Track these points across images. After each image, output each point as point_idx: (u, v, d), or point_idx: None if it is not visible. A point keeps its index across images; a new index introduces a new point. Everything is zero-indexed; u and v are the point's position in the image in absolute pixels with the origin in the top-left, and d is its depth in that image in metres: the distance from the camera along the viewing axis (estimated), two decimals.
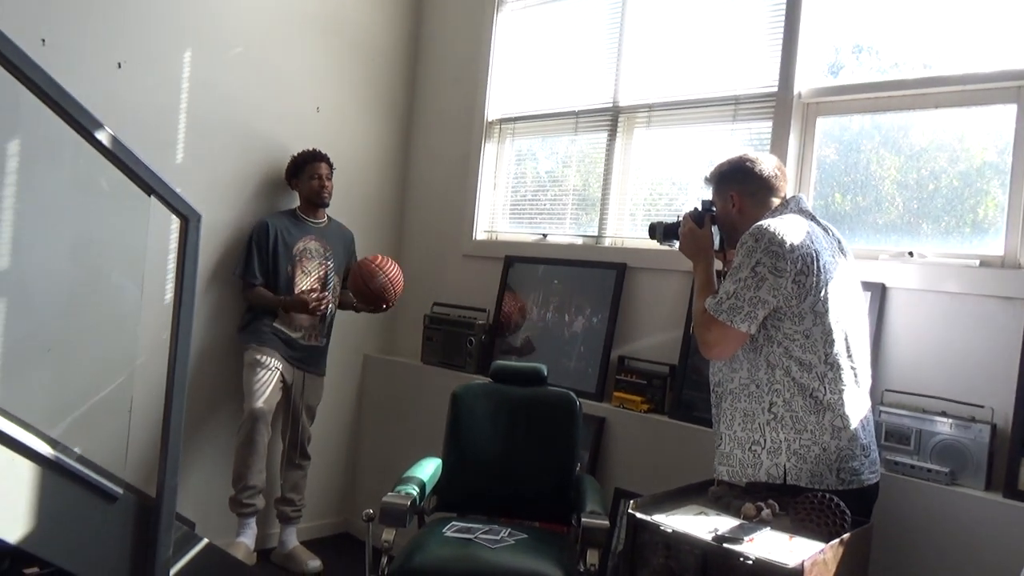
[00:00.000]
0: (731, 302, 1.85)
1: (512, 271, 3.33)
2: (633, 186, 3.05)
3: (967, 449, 2.06)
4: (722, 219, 2.06)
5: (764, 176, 1.99)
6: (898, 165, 2.41)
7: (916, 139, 2.37)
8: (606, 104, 3.11)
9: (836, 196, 2.54)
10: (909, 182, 2.38)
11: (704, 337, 1.93)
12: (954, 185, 2.29)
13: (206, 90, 3.14)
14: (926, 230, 2.32)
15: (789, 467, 1.86)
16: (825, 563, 1.60)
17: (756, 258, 1.83)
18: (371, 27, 3.72)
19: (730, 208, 2.03)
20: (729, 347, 1.91)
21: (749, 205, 2.00)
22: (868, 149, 2.46)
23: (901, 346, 2.26)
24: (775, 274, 1.81)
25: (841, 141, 2.53)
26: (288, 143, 3.36)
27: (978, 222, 2.23)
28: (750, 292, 1.83)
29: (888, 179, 2.42)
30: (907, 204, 2.37)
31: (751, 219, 1.95)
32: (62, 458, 1.98)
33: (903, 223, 2.37)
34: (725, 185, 2.04)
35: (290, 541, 3.28)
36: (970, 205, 2.25)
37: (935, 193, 2.32)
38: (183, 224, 2.19)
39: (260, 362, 3.10)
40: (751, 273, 1.83)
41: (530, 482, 2.47)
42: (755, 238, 1.85)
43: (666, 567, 1.69)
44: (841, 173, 2.53)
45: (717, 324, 1.88)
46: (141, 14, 2.95)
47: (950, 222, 2.28)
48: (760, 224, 1.87)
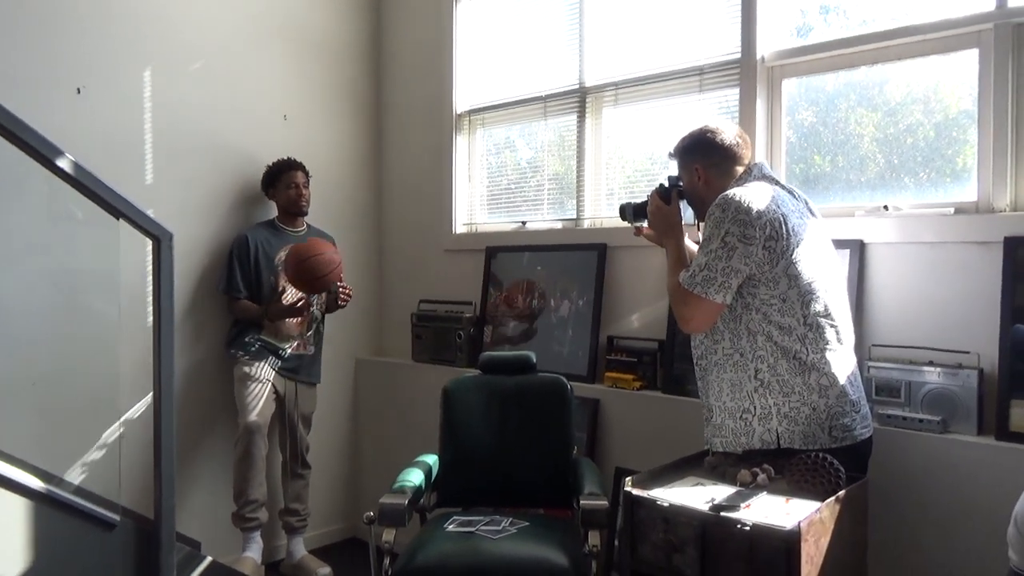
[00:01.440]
0: (704, 274, 1.86)
1: (494, 262, 3.32)
2: (607, 166, 3.04)
3: (956, 396, 2.06)
4: (690, 193, 2.06)
5: (726, 146, 1.99)
6: (875, 122, 2.40)
7: (891, 94, 2.36)
8: (572, 86, 3.10)
9: (815, 158, 2.53)
10: (887, 138, 2.37)
11: (681, 311, 1.94)
12: (931, 137, 2.28)
13: (170, 108, 3.11)
14: (908, 184, 2.31)
15: (781, 431, 1.86)
16: (822, 522, 1.60)
17: (725, 228, 1.83)
18: (331, 30, 3.69)
19: (696, 181, 2.03)
20: (707, 319, 1.91)
21: (714, 176, 2.00)
22: (844, 108, 2.45)
23: (884, 300, 2.26)
24: (745, 242, 1.82)
25: (817, 103, 2.52)
26: (258, 154, 3.34)
27: (957, 171, 2.22)
28: (722, 263, 1.84)
29: (867, 136, 2.42)
30: (887, 160, 2.36)
31: (717, 190, 1.95)
32: (54, 490, 1.97)
33: (884, 179, 2.36)
34: (689, 158, 2.04)
35: (298, 551, 3.28)
36: (948, 155, 2.24)
37: (913, 147, 2.31)
38: (155, 244, 2.17)
39: (250, 375, 3.08)
40: (721, 244, 1.84)
41: (528, 470, 2.47)
42: (722, 208, 1.85)
43: (666, 541, 1.70)
44: (819, 135, 2.52)
45: (692, 297, 1.89)
46: (96, 37, 2.91)
47: (930, 174, 2.28)
48: (725, 194, 1.87)
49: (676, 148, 2.08)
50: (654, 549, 1.72)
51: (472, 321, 3.31)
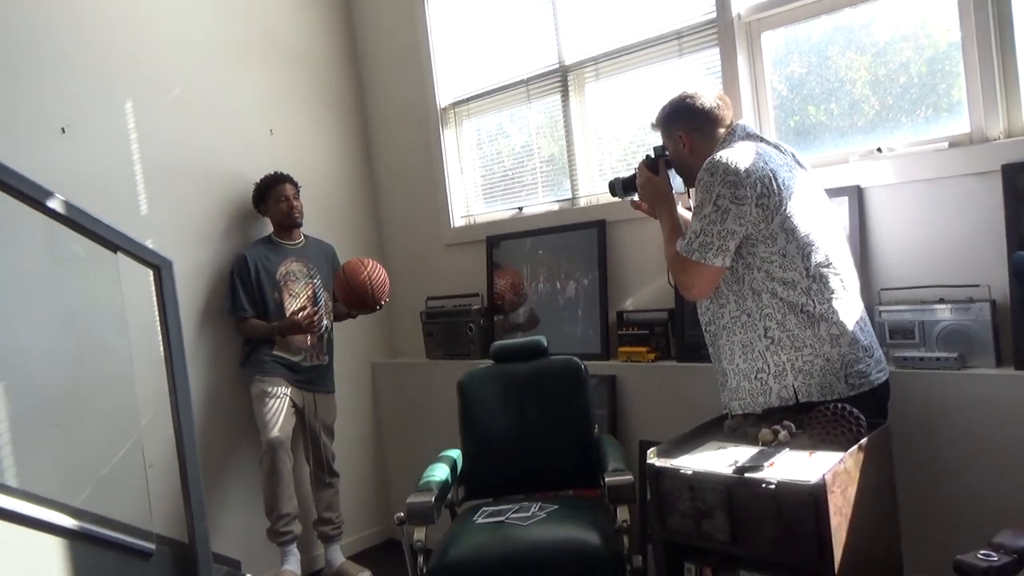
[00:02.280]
0: (701, 240, 1.86)
1: (496, 251, 3.31)
2: (597, 141, 3.02)
3: (971, 330, 2.05)
4: (676, 160, 2.05)
5: (707, 109, 1.98)
6: (866, 64, 2.36)
7: (879, 35, 2.31)
8: (553, 66, 3.07)
9: (809, 108, 2.49)
10: (880, 79, 2.33)
11: (682, 280, 1.94)
12: (923, 73, 2.24)
13: (156, 138, 3.12)
14: (905, 124, 2.27)
15: (798, 386, 1.86)
16: (847, 472, 1.60)
17: (715, 192, 1.82)
18: (306, 41, 3.67)
19: (681, 148, 2.02)
20: (708, 285, 1.91)
21: (698, 141, 1.99)
22: (834, 55, 2.41)
23: (887, 243, 2.24)
24: (737, 203, 1.81)
25: (804, 52, 2.48)
26: (248, 172, 3.34)
27: (952, 105, 2.18)
28: (716, 226, 1.83)
29: (859, 81, 2.38)
30: (882, 101, 2.32)
31: (703, 154, 1.94)
32: (87, 527, 2.00)
33: (881, 121, 2.32)
34: (672, 126, 2.03)
35: (336, 559, 3.30)
36: (942, 90, 2.20)
37: (907, 85, 2.27)
38: (155, 273, 2.19)
39: (267, 392, 3.10)
40: (713, 208, 1.83)
41: (552, 453, 2.48)
42: (710, 172, 1.84)
43: (694, 509, 1.70)
44: (810, 85, 2.48)
45: (692, 264, 1.88)
46: (74, 76, 2.91)
47: (926, 111, 2.24)
48: (712, 158, 1.87)
49: (658, 118, 2.07)
50: (683, 518, 1.72)
51: (481, 312, 3.31)
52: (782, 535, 1.56)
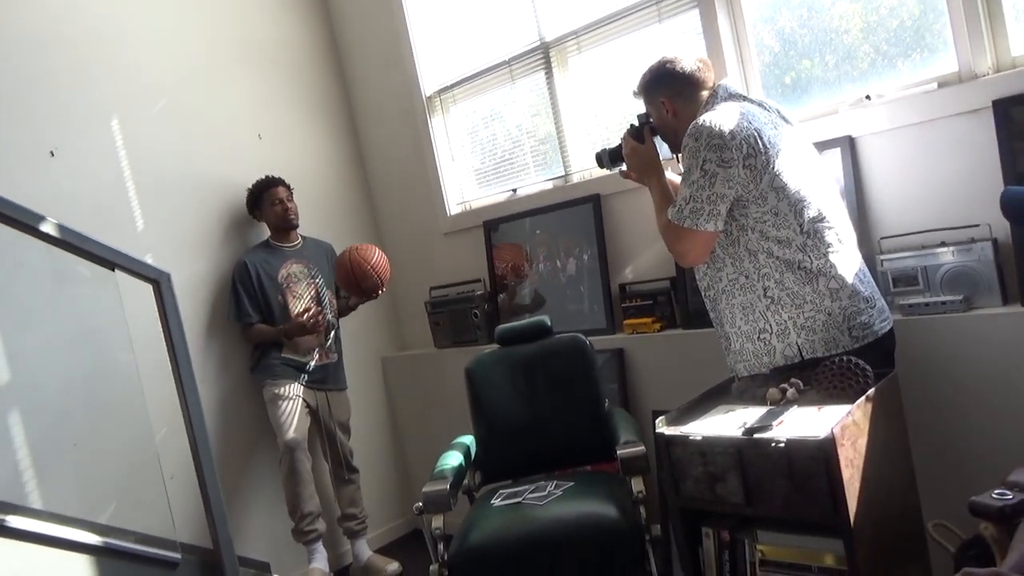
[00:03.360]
0: (691, 206, 1.85)
1: (495, 234, 3.31)
2: (585, 116, 2.99)
3: (975, 271, 2.03)
4: (661, 127, 2.03)
5: (687, 73, 1.96)
6: (859, 11, 2.31)
7: None
8: (534, 44, 3.05)
9: (805, 63, 2.45)
10: (873, 25, 2.28)
11: (676, 248, 1.93)
12: (915, 15, 2.20)
13: (145, 152, 3.11)
14: (903, 69, 2.23)
15: (801, 343, 1.85)
16: (856, 424, 1.59)
17: (702, 156, 1.81)
18: (286, 42, 3.65)
19: (665, 115, 2.00)
20: (703, 250, 1.90)
21: (681, 106, 1.97)
22: (825, 5, 2.36)
23: (884, 192, 2.22)
24: (724, 166, 1.79)
25: (796, 6, 2.43)
26: (240, 178, 3.33)
27: (943, 44, 2.14)
28: (705, 191, 1.82)
29: (853, 29, 2.33)
30: (877, 48, 2.28)
31: (687, 119, 1.92)
32: (112, 542, 2.03)
33: (879, 67, 2.28)
34: (654, 93, 2.01)
35: (363, 554, 3.33)
36: (937, 30, 2.16)
37: (900, 28, 2.23)
38: (155, 287, 2.19)
39: (279, 395, 3.12)
40: (701, 173, 1.82)
41: (564, 431, 2.48)
42: (694, 137, 1.83)
43: (706, 474, 1.69)
44: (803, 38, 2.43)
45: (684, 231, 1.87)
46: (57, 98, 2.91)
47: (923, 53, 2.20)
48: (696, 123, 1.85)
49: (639, 85, 2.05)
50: (696, 484, 1.72)
51: (484, 298, 3.31)
52: (795, 492, 1.56)
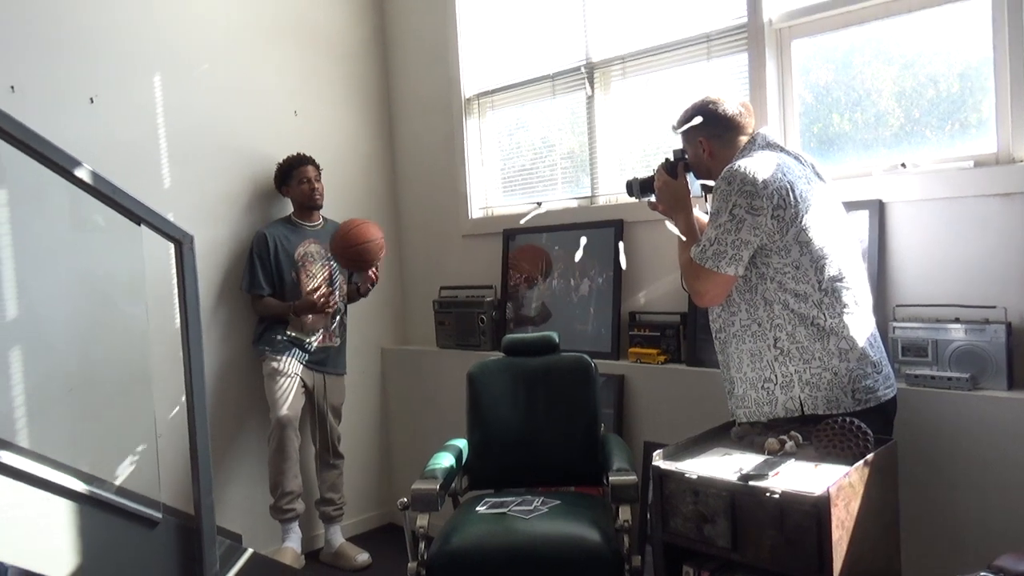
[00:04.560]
0: (715, 248, 1.87)
1: (513, 244, 3.32)
2: (619, 140, 3.02)
3: (985, 352, 2.04)
4: (696, 165, 2.05)
5: (729, 116, 1.98)
6: (894, 76, 2.34)
7: (909, 46, 2.29)
8: (579, 62, 3.07)
9: (834, 117, 2.48)
10: (907, 91, 2.31)
11: (694, 286, 1.96)
12: (953, 89, 2.23)
13: (181, 112, 3.14)
14: (930, 138, 2.26)
15: (804, 398, 1.86)
16: (852, 486, 1.60)
17: (732, 201, 1.83)
18: (336, 24, 3.69)
19: (701, 153, 2.02)
20: (720, 292, 1.93)
21: (718, 147, 2.00)
22: (860, 64, 2.39)
23: (906, 260, 2.24)
24: (753, 213, 1.81)
25: (832, 60, 2.46)
26: (271, 151, 3.36)
27: (982, 121, 2.16)
28: (731, 235, 1.84)
29: (885, 91, 2.36)
30: (908, 114, 2.31)
31: (723, 161, 1.95)
32: (97, 492, 2.02)
33: (905, 134, 2.31)
34: (692, 132, 2.03)
35: (336, 539, 3.34)
36: (972, 104, 2.18)
37: (935, 99, 2.26)
38: (176, 247, 2.20)
39: (279, 370, 3.13)
40: (729, 216, 1.84)
41: (557, 449, 2.49)
42: (727, 181, 1.85)
43: (696, 512, 1.70)
44: (836, 93, 2.47)
45: (704, 272, 1.90)
46: (105, 47, 2.94)
47: (954, 126, 2.22)
48: (730, 167, 1.87)
49: (679, 120, 2.06)
50: (685, 521, 1.73)
51: (494, 305, 3.32)
52: (783, 545, 1.57)
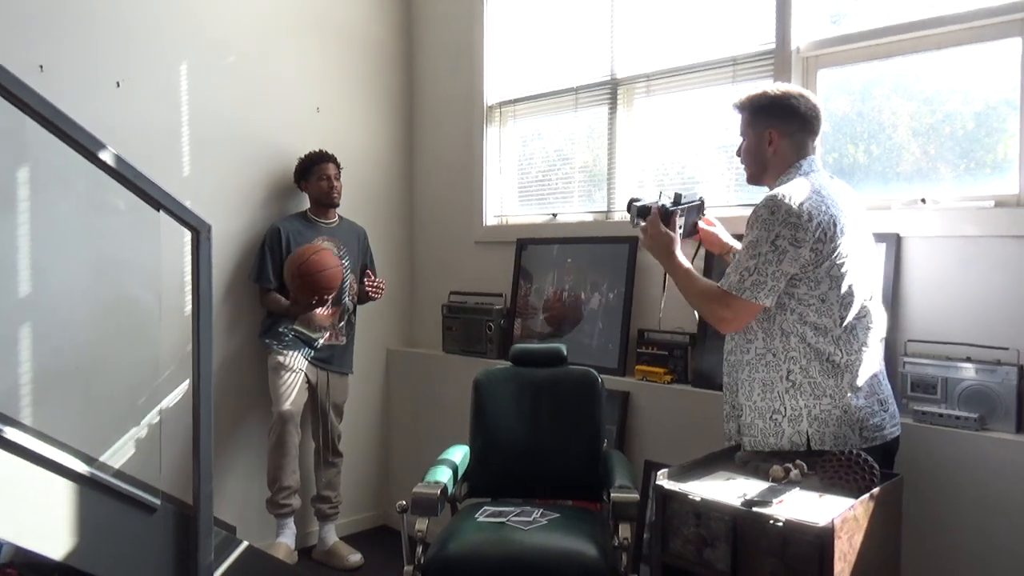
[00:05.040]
0: (754, 278, 1.81)
1: (525, 254, 3.33)
2: (639, 157, 3.02)
3: (995, 393, 2.03)
4: (751, 156, 1.95)
5: (807, 118, 1.90)
6: (911, 111, 2.36)
7: (928, 82, 2.31)
8: (604, 78, 3.08)
9: (848, 147, 2.49)
10: (923, 127, 2.32)
11: (721, 314, 1.89)
12: (969, 127, 2.23)
13: (205, 101, 3.16)
14: (944, 175, 2.27)
15: (812, 433, 1.85)
16: (856, 519, 1.60)
17: (775, 231, 1.78)
18: (363, 22, 3.71)
19: (765, 146, 1.91)
20: (747, 320, 1.89)
21: (786, 147, 1.90)
22: (879, 97, 2.41)
23: (920, 295, 2.23)
24: (795, 245, 1.78)
25: (851, 91, 2.48)
26: (291, 146, 3.37)
27: (998, 162, 2.18)
28: (772, 266, 1.79)
29: (902, 126, 2.38)
30: (923, 149, 2.32)
31: (783, 162, 1.90)
32: (98, 474, 2.03)
33: (920, 169, 2.32)
34: (763, 119, 1.91)
35: (329, 538, 3.33)
36: (988, 145, 2.19)
37: (951, 136, 2.27)
38: (194, 236, 2.21)
39: (284, 364, 3.13)
40: (771, 247, 1.79)
41: (558, 462, 2.48)
42: (771, 211, 1.79)
43: (697, 535, 1.70)
44: (853, 124, 2.48)
45: (737, 300, 1.84)
46: (136, 32, 2.97)
47: (969, 164, 2.23)
48: (774, 195, 1.81)
49: (750, 104, 1.93)
50: (685, 543, 1.72)
51: (502, 313, 3.32)
52: (784, 573, 1.56)
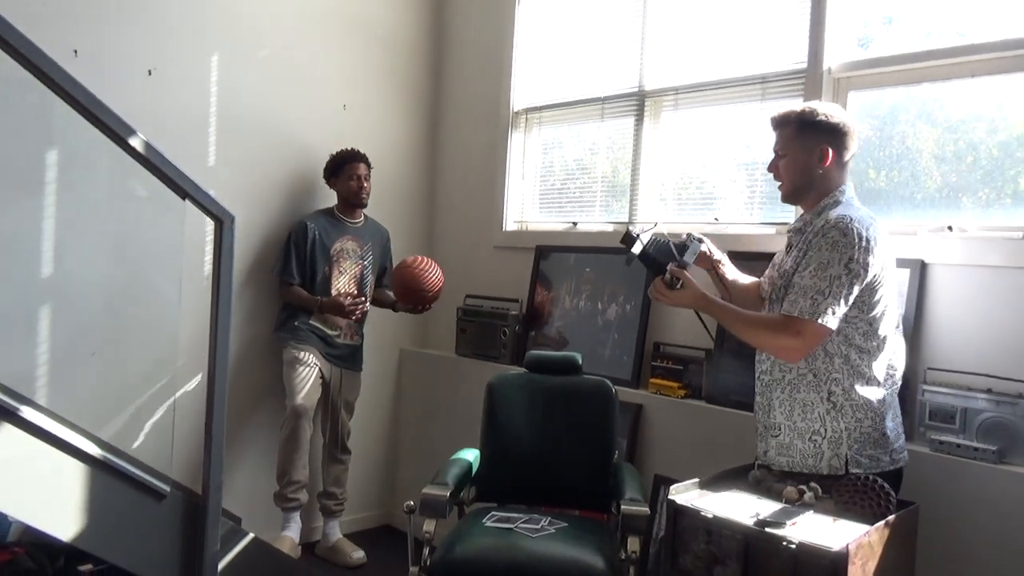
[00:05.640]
0: (828, 302, 1.77)
1: (543, 261, 3.32)
2: (662, 170, 3.02)
3: (1015, 426, 2.01)
4: (800, 169, 1.90)
5: (850, 146, 1.91)
6: (935, 137, 2.35)
7: (953, 110, 2.31)
8: (632, 89, 3.08)
9: (870, 172, 2.48)
10: (947, 155, 2.32)
11: (790, 343, 1.81)
12: (994, 156, 2.22)
13: (235, 93, 3.18)
14: (965, 203, 2.26)
15: (850, 456, 1.84)
16: (871, 546, 1.58)
17: (850, 255, 1.76)
18: (394, 24, 3.72)
19: (816, 162, 1.88)
20: (816, 346, 1.82)
21: (834, 169, 1.89)
22: (903, 122, 2.40)
23: (943, 323, 2.21)
24: (865, 270, 1.77)
25: (875, 116, 2.48)
26: (317, 142, 3.39)
27: (1019, 192, 2.16)
28: (845, 289, 1.77)
29: (925, 152, 2.37)
30: (945, 177, 2.31)
31: (831, 184, 1.88)
32: (110, 458, 2.03)
33: (941, 197, 2.31)
34: (815, 136, 1.88)
35: (334, 534, 3.33)
36: (1011, 175, 2.19)
37: (974, 165, 2.26)
38: (217, 226, 2.22)
39: (299, 359, 3.14)
40: (846, 271, 1.77)
41: (568, 471, 2.47)
42: (843, 233, 1.77)
43: (707, 552, 1.68)
44: (875, 148, 2.47)
45: (809, 325, 1.77)
46: (169, 21, 2.99)
47: (990, 194, 2.22)
48: (845, 218, 1.80)
49: (804, 119, 1.89)
50: (695, 560, 1.71)
51: (518, 319, 3.31)
52: None
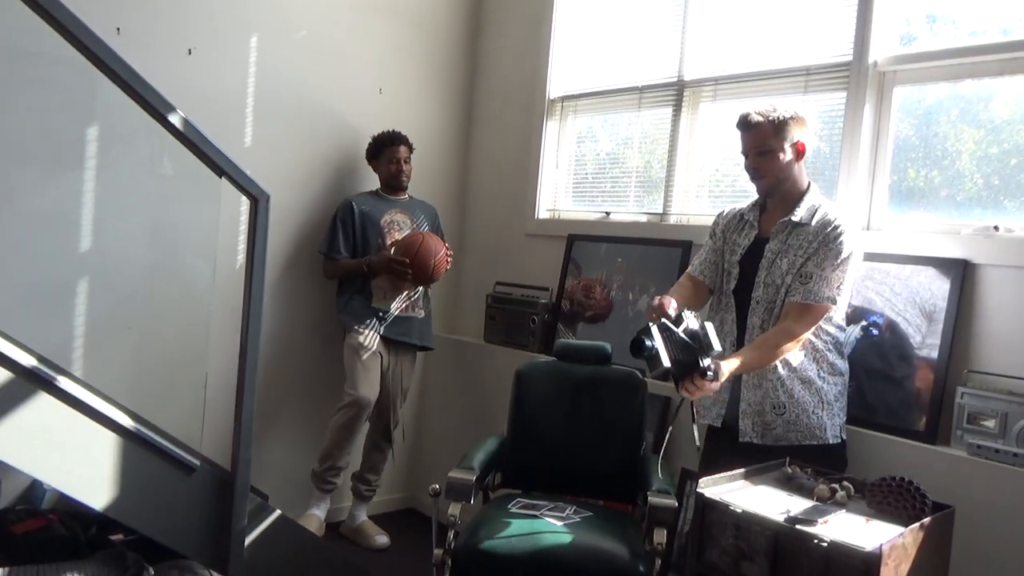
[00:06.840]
0: (844, 288, 2.02)
1: (575, 249, 3.30)
2: (699, 162, 2.98)
3: None
4: (780, 164, 2.05)
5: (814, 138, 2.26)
6: (977, 139, 2.29)
7: (997, 111, 2.25)
8: (671, 79, 3.04)
9: (909, 171, 2.43)
10: (989, 156, 2.27)
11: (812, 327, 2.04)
12: None
13: (272, 74, 3.20)
14: (1008, 206, 2.20)
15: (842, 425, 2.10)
16: (904, 547, 1.54)
17: (852, 247, 2.02)
18: (431, 8, 3.71)
19: (792, 157, 2.06)
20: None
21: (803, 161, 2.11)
22: (945, 123, 2.35)
23: (987, 324, 2.15)
24: (857, 261, 2.06)
25: (915, 115, 2.42)
26: (352, 125, 3.40)
27: None
28: (848, 275, 2.03)
29: (966, 153, 2.32)
30: (987, 179, 2.26)
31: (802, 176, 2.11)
32: (143, 430, 2.07)
33: (983, 199, 2.27)
34: (796, 131, 2.06)
35: (360, 516, 3.35)
36: None
37: (1018, 167, 2.19)
38: (253, 204, 2.24)
39: (364, 345, 3.11)
40: (852, 261, 2.03)
41: (594, 460, 2.46)
42: (847, 228, 2.02)
43: (736, 547, 1.66)
44: (915, 147, 2.42)
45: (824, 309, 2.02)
46: (210, 2, 3.01)
47: None
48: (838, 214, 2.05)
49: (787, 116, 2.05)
50: (722, 555, 1.69)
51: (548, 307, 3.30)
52: None
